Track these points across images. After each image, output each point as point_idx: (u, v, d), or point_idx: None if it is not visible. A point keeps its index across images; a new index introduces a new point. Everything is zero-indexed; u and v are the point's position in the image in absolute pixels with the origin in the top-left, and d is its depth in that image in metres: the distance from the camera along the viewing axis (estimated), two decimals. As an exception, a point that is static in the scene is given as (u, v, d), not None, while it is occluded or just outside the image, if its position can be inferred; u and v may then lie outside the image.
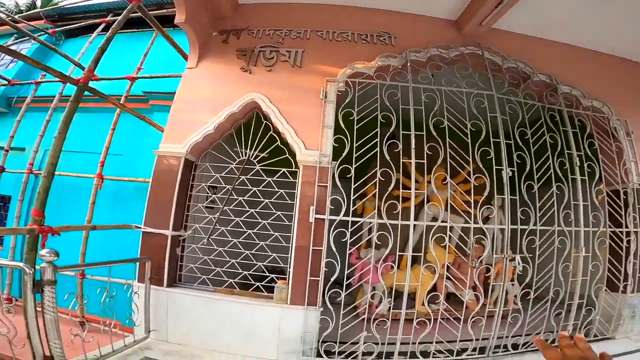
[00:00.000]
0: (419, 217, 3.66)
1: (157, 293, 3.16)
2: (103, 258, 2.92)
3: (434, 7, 3.81)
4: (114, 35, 3.06)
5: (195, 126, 3.38)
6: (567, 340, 0.66)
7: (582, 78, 3.89)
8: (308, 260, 2.98)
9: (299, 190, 3.13)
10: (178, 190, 3.25)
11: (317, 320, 2.95)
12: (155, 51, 4.71)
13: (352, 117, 3.20)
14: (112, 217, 4.21)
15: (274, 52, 3.62)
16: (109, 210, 4.71)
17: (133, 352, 2.88)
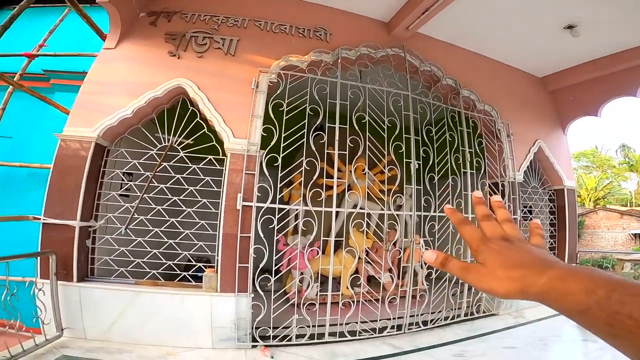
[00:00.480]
0: (341, 205, 4.00)
1: (67, 289, 2.92)
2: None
3: (371, 8, 4.06)
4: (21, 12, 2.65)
5: (110, 109, 3.10)
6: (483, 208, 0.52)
7: (479, 84, 4.59)
8: (236, 248, 3.05)
9: (226, 177, 3.14)
10: (87, 177, 2.99)
11: (249, 306, 3.06)
12: (63, 27, 4.08)
13: (282, 108, 3.30)
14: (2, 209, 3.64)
15: (207, 39, 3.48)
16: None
17: (48, 351, 2.69)
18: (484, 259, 0.45)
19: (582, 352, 3.33)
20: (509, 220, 0.50)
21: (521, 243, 0.46)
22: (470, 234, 0.49)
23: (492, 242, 0.46)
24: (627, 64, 4.54)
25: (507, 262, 0.43)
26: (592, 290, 0.34)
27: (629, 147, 16.98)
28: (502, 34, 4.36)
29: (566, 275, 0.37)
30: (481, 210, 0.52)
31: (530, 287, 0.39)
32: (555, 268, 0.39)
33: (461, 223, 0.51)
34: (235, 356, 2.94)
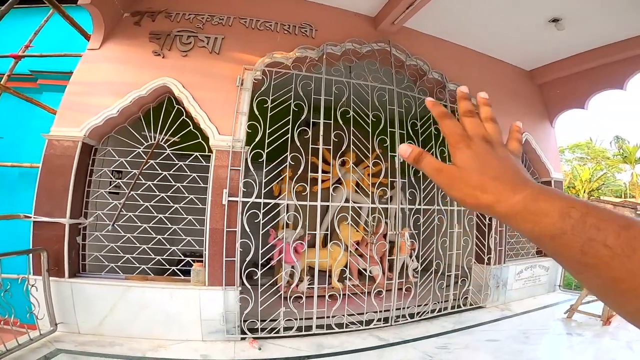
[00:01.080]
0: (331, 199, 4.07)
1: (59, 285, 3.00)
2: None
3: (357, 3, 4.05)
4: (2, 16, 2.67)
5: (96, 109, 3.15)
6: (467, 104, 0.48)
7: (466, 77, 4.60)
8: (223, 242, 3.12)
9: (212, 174, 3.20)
10: (75, 175, 3.05)
11: (237, 299, 3.13)
12: (49, 27, 4.09)
13: (266, 105, 3.35)
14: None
15: (191, 37, 3.51)
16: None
17: (42, 345, 2.78)
18: (461, 160, 0.42)
19: (564, 345, 3.40)
20: (492, 120, 0.47)
21: (501, 149, 0.43)
22: (450, 128, 0.45)
23: (472, 141, 0.43)
24: (613, 57, 4.56)
25: (484, 170, 0.40)
26: (567, 213, 0.32)
27: (623, 139, 17.04)
28: (489, 27, 4.37)
29: (540, 195, 0.35)
30: (465, 105, 0.47)
31: (500, 204, 0.38)
32: (529, 187, 0.37)
33: (443, 116, 0.46)
34: (224, 348, 3.03)
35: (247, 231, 3.16)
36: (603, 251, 0.29)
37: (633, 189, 16.05)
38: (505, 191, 0.38)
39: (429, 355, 3.03)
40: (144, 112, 3.46)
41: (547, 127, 5.41)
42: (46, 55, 3.96)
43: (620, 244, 0.28)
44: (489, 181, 0.39)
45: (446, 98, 4.35)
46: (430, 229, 3.89)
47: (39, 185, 3.01)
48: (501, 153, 0.42)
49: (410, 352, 3.10)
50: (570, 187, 16.54)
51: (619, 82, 4.67)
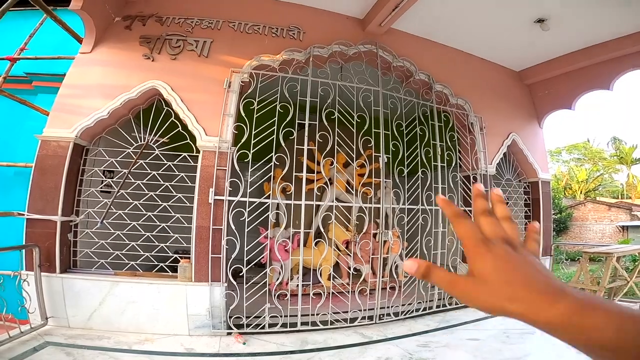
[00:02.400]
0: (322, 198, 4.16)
1: (50, 280, 3.11)
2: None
3: (345, 5, 4.15)
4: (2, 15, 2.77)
5: (87, 111, 3.27)
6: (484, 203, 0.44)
7: (454, 78, 4.68)
8: (209, 239, 3.21)
9: (199, 173, 3.30)
10: (67, 175, 3.16)
11: (223, 295, 3.22)
12: (43, 30, 4.21)
13: (253, 107, 3.45)
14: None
15: (180, 41, 3.61)
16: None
17: (32, 338, 2.87)
18: (482, 267, 0.38)
19: (543, 344, 3.44)
20: (509, 219, 0.43)
21: (524, 251, 0.39)
22: (467, 231, 0.41)
23: (494, 245, 0.38)
24: (599, 57, 4.63)
25: (510, 277, 0.36)
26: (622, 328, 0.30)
27: (620, 140, 17.03)
28: (476, 28, 4.44)
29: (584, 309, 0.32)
30: (481, 204, 0.43)
31: (536, 315, 0.34)
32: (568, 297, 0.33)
33: (457, 217, 0.42)
34: (210, 342, 3.11)
35: (232, 229, 3.25)
36: None
37: (629, 189, 16.05)
38: (541, 301, 0.34)
39: (409, 353, 3.10)
40: (134, 114, 3.56)
41: (535, 127, 5.48)
42: (41, 58, 4.09)
43: None
44: (518, 290, 0.35)
45: (432, 99, 4.42)
46: (414, 228, 3.97)
47: (32, 184, 3.12)
48: (526, 257, 0.38)
49: (391, 350, 3.17)
50: (567, 188, 16.56)
51: (605, 82, 4.73)
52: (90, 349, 2.82)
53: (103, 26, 3.52)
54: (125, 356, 2.77)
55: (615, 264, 3.88)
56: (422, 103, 4.37)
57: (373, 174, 3.74)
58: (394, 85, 4.27)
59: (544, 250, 5.17)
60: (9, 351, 2.65)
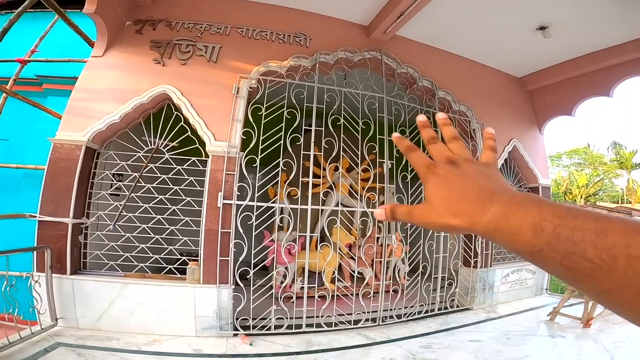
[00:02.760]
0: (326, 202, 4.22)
1: (61, 281, 3.16)
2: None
3: (350, 12, 4.22)
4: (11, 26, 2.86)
5: (99, 115, 3.33)
6: (429, 131, 0.48)
7: (455, 84, 4.76)
8: (217, 242, 3.28)
9: (208, 177, 3.37)
10: (78, 178, 3.22)
11: (230, 297, 3.28)
12: (54, 32, 4.27)
13: (261, 113, 3.52)
14: (-1, 207, 3.89)
15: (190, 46, 3.67)
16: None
17: (43, 339, 2.91)
18: (429, 190, 0.42)
19: (543, 345, 3.51)
20: (455, 138, 0.47)
21: (467, 165, 0.43)
22: (417, 160, 0.46)
23: (438, 168, 0.43)
24: (599, 64, 4.70)
25: (449, 196, 0.40)
26: (539, 227, 0.30)
27: (620, 145, 17.15)
28: (478, 35, 4.51)
29: (509, 210, 0.33)
30: (427, 133, 0.48)
31: (474, 225, 0.36)
32: (497, 201, 0.35)
33: (409, 150, 0.48)
34: (217, 343, 3.18)
35: (240, 232, 3.31)
36: (584, 264, 0.27)
37: (629, 194, 16.14)
38: (475, 212, 0.36)
39: (412, 353, 3.17)
40: (144, 118, 3.63)
41: (536, 133, 5.56)
42: (52, 61, 4.15)
43: (599, 254, 0.26)
44: (456, 204, 0.38)
45: (435, 106, 4.50)
46: (417, 232, 4.03)
47: (44, 186, 3.19)
48: (467, 170, 0.42)
49: (395, 351, 3.23)
50: (568, 193, 16.63)
51: (605, 89, 4.80)
52: (100, 350, 2.87)
53: (115, 30, 3.58)
54: (134, 357, 2.83)
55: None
56: (425, 109, 4.45)
57: (377, 179, 3.81)
58: (398, 91, 4.34)
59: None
60: (21, 352, 2.69)
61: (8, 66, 4.41)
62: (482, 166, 0.43)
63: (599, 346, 3.33)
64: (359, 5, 4.05)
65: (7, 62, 4.28)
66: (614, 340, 3.45)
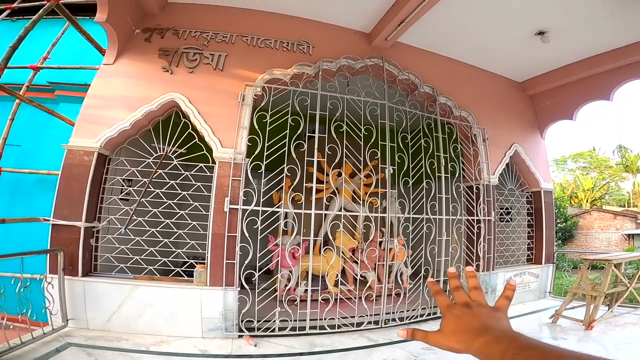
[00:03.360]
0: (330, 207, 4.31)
1: (72, 283, 3.26)
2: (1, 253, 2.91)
3: (352, 20, 4.32)
4: (27, 34, 2.98)
5: (110, 122, 3.45)
6: (454, 282, 0.65)
7: (456, 90, 4.82)
8: (224, 246, 3.37)
9: (215, 183, 3.47)
10: (91, 183, 3.34)
11: (236, 299, 3.36)
12: (66, 39, 4.40)
13: (266, 120, 3.62)
14: (12, 211, 4.01)
15: (197, 54, 3.79)
16: (8, 204, 4.42)
17: (54, 340, 3.00)
18: (444, 323, 0.58)
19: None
20: (476, 288, 0.63)
21: (478, 308, 0.58)
22: (441, 301, 0.62)
23: (455, 309, 0.59)
24: (599, 68, 4.75)
25: (457, 328, 0.55)
26: (505, 353, 0.44)
27: (625, 148, 17.01)
28: (479, 40, 4.58)
29: (492, 341, 0.48)
30: (453, 283, 0.65)
31: (469, 349, 0.51)
32: (487, 334, 0.50)
33: (436, 293, 0.64)
34: (223, 344, 3.25)
35: (246, 236, 3.40)
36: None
37: (635, 198, 15.99)
38: (470, 339, 0.52)
39: (414, 355, 3.22)
40: (153, 125, 3.74)
41: (537, 138, 5.60)
42: (64, 68, 4.27)
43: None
44: (459, 334, 0.54)
45: (437, 111, 4.57)
46: (419, 236, 4.09)
47: (58, 191, 3.31)
48: (477, 312, 0.57)
49: (397, 352, 3.28)
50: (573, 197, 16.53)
51: (606, 93, 4.84)
52: (110, 350, 2.95)
53: (125, 38, 3.71)
54: (143, 357, 2.90)
55: (615, 271, 3.98)
56: (426, 115, 4.52)
57: (379, 184, 3.89)
58: (400, 98, 4.42)
59: (547, 258, 5.27)
60: (33, 351, 2.77)
61: (21, 73, 4.56)
62: (491, 310, 0.58)
63: (601, 348, 3.36)
64: (361, 13, 4.15)
65: (20, 69, 4.42)
66: (616, 342, 3.48)
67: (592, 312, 3.81)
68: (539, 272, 5.20)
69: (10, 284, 2.81)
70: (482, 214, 4.55)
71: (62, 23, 4.38)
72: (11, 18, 4.99)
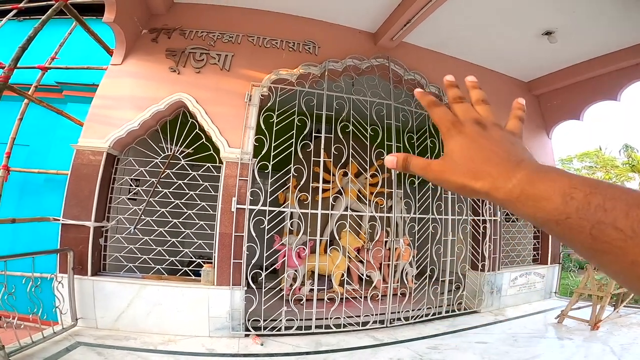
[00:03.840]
0: (335, 207, 4.32)
1: (82, 282, 3.30)
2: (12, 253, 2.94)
3: (358, 20, 4.31)
4: (36, 34, 2.99)
5: (119, 122, 3.48)
6: (455, 91, 0.48)
7: (462, 90, 4.69)
8: (231, 246, 3.39)
9: (222, 183, 3.49)
10: (100, 183, 3.37)
11: (242, 298, 3.39)
12: (73, 39, 4.42)
13: (272, 120, 3.63)
14: (21, 211, 4.05)
15: (204, 55, 3.80)
16: (16, 204, 4.47)
17: (64, 339, 3.03)
18: (452, 148, 0.41)
19: (550, 347, 3.54)
20: (483, 102, 0.47)
21: (495, 129, 0.41)
22: (441, 115, 0.44)
23: (464, 126, 0.42)
24: (606, 68, 4.71)
25: (473, 156, 0.38)
26: (569, 194, 0.29)
27: (632, 148, 16.83)
28: (485, 41, 4.55)
29: (537, 176, 0.33)
30: (453, 92, 0.47)
31: (496, 190, 0.35)
32: (524, 168, 0.35)
33: (432, 105, 0.46)
34: (229, 343, 3.28)
35: (253, 236, 3.43)
36: (614, 234, 0.26)
37: (641, 198, 15.81)
38: (499, 175, 0.36)
39: (419, 354, 3.23)
40: (161, 125, 3.77)
41: (544, 138, 5.58)
42: (72, 68, 4.30)
43: (631, 224, 0.26)
44: (480, 166, 0.37)
45: (443, 112, 4.55)
46: (424, 236, 4.10)
47: (68, 191, 3.34)
48: (495, 134, 0.41)
49: (402, 351, 3.30)
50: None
51: (613, 93, 4.81)
52: (119, 349, 2.98)
53: (132, 38, 3.72)
54: (151, 356, 2.93)
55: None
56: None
57: (385, 184, 3.90)
58: (406, 98, 4.41)
59: (552, 258, 5.25)
60: (44, 351, 2.81)
61: (29, 73, 4.59)
62: (509, 133, 0.42)
63: (607, 348, 3.35)
64: (367, 13, 4.14)
65: (29, 69, 4.45)
66: (622, 342, 3.48)
67: (598, 313, 3.80)
68: (544, 273, 5.19)
69: (21, 284, 2.85)
70: (488, 214, 4.54)
71: (69, 23, 4.38)
72: (18, 18, 5.01)
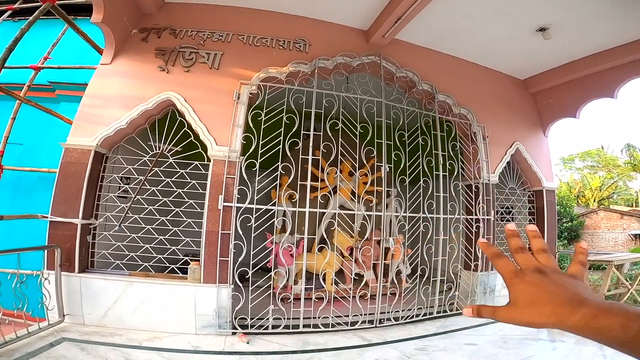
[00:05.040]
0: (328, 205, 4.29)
1: (69, 279, 3.31)
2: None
3: (350, 17, 4.29)
4: (22, 35, 3.02)
5: (107, 121, 3.49)
6: (517, 240, 0.53)
7: (456, 87, 4.75)
8: (218, 243, 3.39)
9: (210, 181, 3.49)
10: (87, 181, 3.38)
11: (229, 296, 3.38)
12: (65, 39, 4.46)
13: (261, 118, 3.62)
14: (14, 209, 4.08)
15: (193, 54, 3.81)
16: (10, 202, 4.51)
17: (49, 335, 3.04)
18: (515, 295, 0.47)
19: (541, 351, 3.47)
20: (544, 251, 0.51)
21: (555, 275, 0.47)
22: (503, 267, 0.50)
23: (525, 275, 0.48)
24: (603, 65, 4.63)
25: (539, 299, 0.45)
26: (627, 326, 0.37)
27: (634, 147, 16.64)
28: (479, 37, 4.50)
29: (598, 313, 0.40)
30: (514, 242, 0.53)
31: (563, 324, 0.42)
32: (586, 306, 0.41)
33: (495, 257, 0.52)
34: (216, 341, 3.27)
35: (240, 234, 3.42)
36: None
37: (644, 198, 15.69)
38: (563, 314, 0.42)
39: (406, 355, 3.20)
40: (149, 124, 3.78)
41: (540, 136, 5.50)
42: (64, 67, 4.33)
43: None
44: (543, 307, 0.44)
45: (435, 109, 4.52)
46: (415, 235, 4.06)
47: (56, 189, 3.36)
48: (556, 279, 0.47)
49: (389, 352, 3.27)
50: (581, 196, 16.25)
51: (610, 90, 4.72)
52: (103, 345, 2.98)
53: (122, 38, 3.74)
54: (135, 352, 2.93)
55: (616, 272, 3.90)
56: (424, 113, 4.47)
57: (376, 182, 3.87)
58: (397, 95, 4.38)
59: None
60: (27, 345, 2.81)
61: (23, 72, 4.63)
62: (569, 277, 0.48)
63: (598, 351, 3.29)
64: (358, 10, 4.11)
65: (22, 69, 4.48)
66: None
67: (591, 314, 3.71)
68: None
69: (6, 280, 2.87)
70: (482, 213, 4.49)
71: (62, 23, 4.40)
72: (13, 19, 5.06)
